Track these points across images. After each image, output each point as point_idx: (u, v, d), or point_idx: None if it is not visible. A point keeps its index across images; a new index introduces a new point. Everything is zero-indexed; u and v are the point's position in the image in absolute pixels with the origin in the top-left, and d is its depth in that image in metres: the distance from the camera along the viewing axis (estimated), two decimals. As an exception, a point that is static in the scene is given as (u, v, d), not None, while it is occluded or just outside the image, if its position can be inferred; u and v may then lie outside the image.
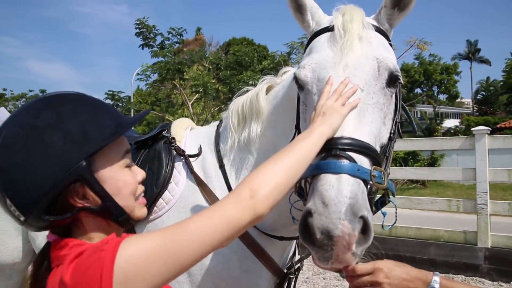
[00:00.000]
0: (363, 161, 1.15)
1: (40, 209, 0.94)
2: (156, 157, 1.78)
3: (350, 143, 1.15)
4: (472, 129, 5.84)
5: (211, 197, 1.69)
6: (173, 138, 1.82)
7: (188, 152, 1.80)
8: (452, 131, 33.05)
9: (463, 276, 5.31)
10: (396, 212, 1.38)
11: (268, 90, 1.76)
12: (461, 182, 16.77)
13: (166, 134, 1.86)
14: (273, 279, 1.69)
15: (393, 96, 1.35)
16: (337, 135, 1.17)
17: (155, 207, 1.73)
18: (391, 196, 1.35)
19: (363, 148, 1.16)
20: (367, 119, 1.23)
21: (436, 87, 45.04)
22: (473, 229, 5.61)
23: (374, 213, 1.29)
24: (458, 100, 52.52)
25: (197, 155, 1.81)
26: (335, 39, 1.33)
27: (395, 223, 1.38)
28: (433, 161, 19.15)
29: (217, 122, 1.92)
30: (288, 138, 1.52)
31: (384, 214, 1.32)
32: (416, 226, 6.28)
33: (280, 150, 1.10)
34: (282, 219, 1.63)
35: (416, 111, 39.62)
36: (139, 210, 1.07)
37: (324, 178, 1.09)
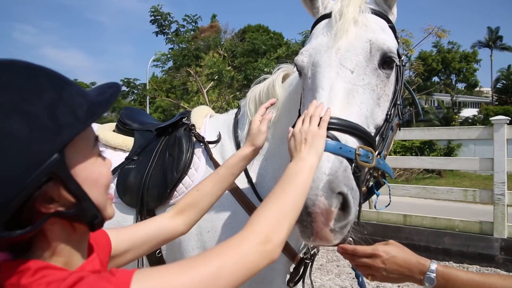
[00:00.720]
0: (348, 140, 1.19)
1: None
2: (177, 144, 1.83)
3: (334, 123, 1.18)
4: (490, 118, 5.75)
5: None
6: (193, 125, 1.86)
7: (207, 139, 1.85)
8: (470, 120, 32.45)
9: (477, 266, 5.30)
10: (390, 194, 1.41)
11: (284, 78, 1.79)
12: (478, 172, 16.54)
13: (186, 121, 1.90)
14: (289, 263, 1.73)
15: (390, 77, 1.38)
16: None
17: (175, 192, 1.77)
18: (387, 178, 1.38)
19: (349, 128, 1.19)
20: (357, 100, 1.26)
21: (454, 75, 44.06)
22: (489, 220, 5.57)
23: (367, 194, 1.33)
24: (477, 89, 51.35)
25: (216, 142, 1.85)
26: (331, 24, 1.38)
27: (388, 205, 1.42)
28: (449, 150, 18.92)
29: (235, 110, 1.95)
30: None
31: (377, 194, 1.36)
32: (431, 215, 6.26)
33: (281, 184, 1.04)
34: None
35: (433, 100, 38.99)
36: (110, 208, 0.88)
37: None
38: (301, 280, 1.73)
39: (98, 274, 0.76)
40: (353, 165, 1.17)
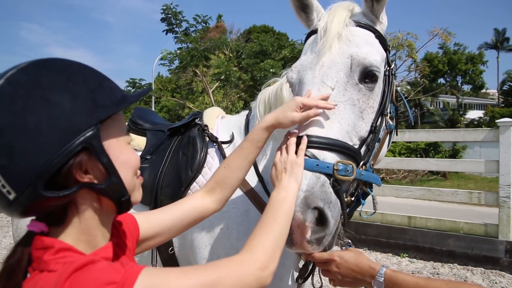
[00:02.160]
0: (327, 156, 1.25)
1: (41, 182, 0.78)
2: (191, 143, 1.88)
3: (313, 141, 1.24)
4: (496, 120, 5.75)
5: (242, 182, 1.77)
6: (206, 126, 1.91)
7: (220, 139, 1.89)
8: (475, 122, 32.29)
9: (482, 269, 5.31)
10: (374, 202, 1.47)
11: None
12: (484, 175, 16.48)
13: (199, 122, 1.95)
14: (298, 259, 1.77)
15: (375, 89, 1.40)
16: (301, 133, 1.28)
17: (189, 190, 1.82)
18: (374, 186, 1.43)
19: (327, 144, 1.25)
20: (337, 116, 1.31)
21: (460, 77, 43.86)
22: (494, 222, 5.57)
23: (355, 203, 1.39)
24: (483, 91, 51.09)
25: (229, 142, 1.89)
26: (316, 41, 1.42)
27: (374, 213, 1.50)
28: (454, 152, 18.85)
29: (246, 111, 2.00)
30: None
31: (362, 203, 1.41)
32: (436, 217, 6.27)
33: (270, 211, 1.12)
34: None
35: (439, 102, 38.78)
36: (138, 192, 0.97)
37: None
38: (310, 277, 1.77)
39: (110, 262, 0.83)
40: (331, 179, 1.23)
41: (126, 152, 0.92)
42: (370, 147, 1.38)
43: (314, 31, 1.48)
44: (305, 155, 1.22)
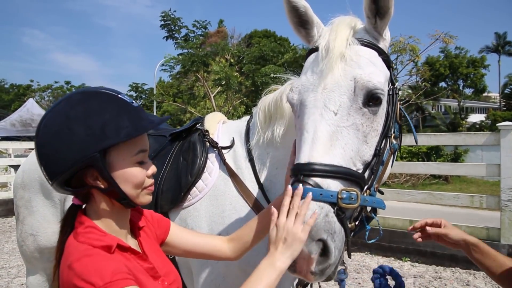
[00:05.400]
0: (330, 185, 1.21)
1: (61, 180, 1.16)
2: (191, 148, 1.90)
3: (315, 169, 1.20)
4: (497, 124, 5.74)
5: (241, 187, 1.79)
6: (207, 131, 1.93)
7: (220, 144, 1.91)
8: (477, 126, 32.25)
9: (484, 273, 5.28)
10: (379, 227, 1.44)
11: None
12: (485, 178, 16.43)
13: (199, 127, 1.97)
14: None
15: (379, 112, 1.35)
16: (304, 160, 1.23)
17: (188, 195, 1.84)
18: (378, 210, 1.40)
19: (331, 172, 1.21)
20: (341, 142, 1.26)
21: (461, 80, 43.85)
22: (496, 226, 5.56)
23: (359, 227, 1.33)
24: (485, 94, 51.03)
25: (229, 147, 1.91)
26: (318, 60, 1.36)
27: (379, 238, 1.47)
28: (456, 156, 18.80)
29: (247, 117, 2.01)
30: None
31: (367, 228, 1.37)
32: (437, 221, 6.23)
33: (253, 277, 1.16)
34: None
35: (440, 105, 38.79)
36: (143, 197, 1.24)
37: None
38: (309, 284, 1.78)
39: (107, 265, 1.06)
40: (335, 208, 1.19)
41: (129, 171, 1.19)
42: (374, 170, 1.33)
43: (315, 49, 1.43)
44: (308, 183, 1.19)
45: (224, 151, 1.89)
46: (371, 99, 1.31)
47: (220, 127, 2.01)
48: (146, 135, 1.26)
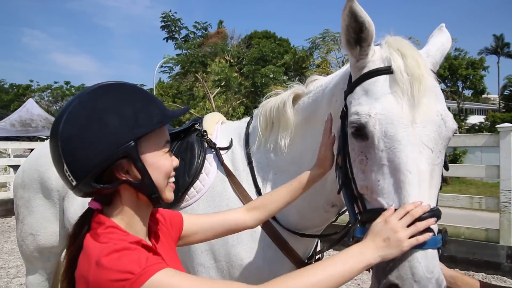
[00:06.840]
0: (436, 229, 1.15)
1: (91, 177, 1.07)
2: (189, 149, 1.90)
3: (432, 215, 1.13)
4: (497, 126, 5.75)
5: (239, 189, 1.79)
6: (205, 131, 1.93)
7: (218, 145, 1.90)
8: (476, 127, 32.28)
9: (483, 274, 5.29)
10: None
11: (295, 98, 1.78)
12: (485, 180, 16.44)
13: (198, 127, 1.97)
14: (294, 268, 1.78)
15: None
16: (417, 205, 1.13)
17: (186, 196, 1.83)
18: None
19: (437, 216, 1.14)
20: (435, 181, 1.20)
21: (461, 82, 43.88)
22: (495, 227, 5.56)
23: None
24: (484, 95, 51.07)
25: (227, 148, 1.91)
26: (399, 86, 1.21)
27: None
28: (455, 157, 18.81)
29: (247, 119, 2.01)
30: (314, 149, 1.58)
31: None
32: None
33: (338, 258, 1.10)
34: (304, 222, 1.75)
35: (440, 107, 38.62)
36: (169, 192, 1.19)
37: (412, 253, 1.10)
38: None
39: (140, 255, 1.01)
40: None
41: (160, 159, 1.14)
42: None
43: (385, 71, 1.26)
44: (429, 230, 1.12)
45: (222, 152, 1.89)
46: (450, 139, 1.26)
47: (218, 127, 2.01)
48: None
